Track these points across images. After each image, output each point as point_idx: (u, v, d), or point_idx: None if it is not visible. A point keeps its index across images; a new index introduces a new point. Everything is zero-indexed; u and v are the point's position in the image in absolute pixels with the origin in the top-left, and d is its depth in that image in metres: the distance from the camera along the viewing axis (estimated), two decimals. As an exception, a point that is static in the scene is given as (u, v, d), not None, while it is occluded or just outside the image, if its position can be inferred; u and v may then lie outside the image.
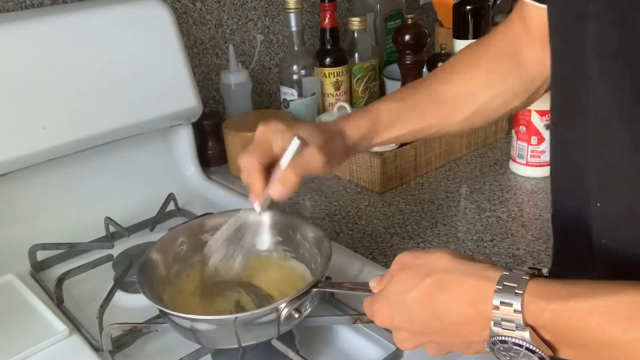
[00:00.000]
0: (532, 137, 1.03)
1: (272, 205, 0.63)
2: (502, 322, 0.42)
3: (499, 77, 0.67)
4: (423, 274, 0.48)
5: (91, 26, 0.90)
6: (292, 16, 1.14)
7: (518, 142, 1.05)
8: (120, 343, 0.68)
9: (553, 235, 0.61)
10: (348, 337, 0.69)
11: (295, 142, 0.59)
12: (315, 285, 0.61)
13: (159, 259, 0.69)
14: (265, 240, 0.73)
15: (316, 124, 0.65)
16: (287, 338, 0.64)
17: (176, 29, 0.99)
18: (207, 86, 1.20)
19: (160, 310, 0.61)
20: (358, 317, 0.66)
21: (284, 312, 0.58)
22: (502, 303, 0.42)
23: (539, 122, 1.01)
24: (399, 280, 0.49)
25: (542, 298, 0.41)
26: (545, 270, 0.45)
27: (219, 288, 0.69)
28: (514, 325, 0.42)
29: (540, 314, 0.41)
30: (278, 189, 0.59)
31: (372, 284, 0.54)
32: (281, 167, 0.59)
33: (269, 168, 0.61)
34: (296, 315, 0.59)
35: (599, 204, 0.49)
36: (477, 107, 0.67)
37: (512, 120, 1.07)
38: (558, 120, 0.55)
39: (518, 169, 1.07)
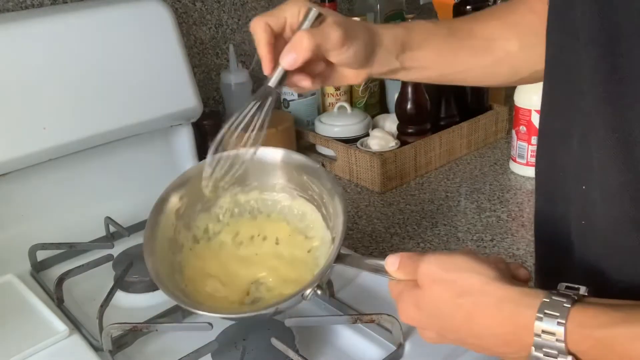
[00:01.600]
0: (533, 137, 1.03)
1: (286, 82, 0.58)
2: (544, 349, 0.42)
3: (531, 31, 0.64)
4: (456, 293, 0.47)
5: (91, 26, 0.90)
6: (292, 16, 1.14)
7: (518, 142, 1.05)
8: (120, 343, 0.68)
9: (535, 234, 0.62)
10: (348, 337, 0.69)
11: (313, 12, 0.55)
12: (336, 259, 0.58)
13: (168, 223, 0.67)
14: (270, 179, 0.70)
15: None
16: (287, 338, 0.64)
17: (176, 29, 0.99)
18: (207, 86, 1.20)
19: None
20: (358, 317, 0.66)
21: (308, 293, 0.57)
22: (543, 332, 0.42)
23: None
24: (432, 295, 0.48)
25: (585, 327, 0.41)
26: (583, 289, 0.44)
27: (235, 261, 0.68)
28: (556, 352, 0.42)
29: (583, 341, 0.41)
30: (289, 55, 0.55)
31: (390, 268, 0.52)
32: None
33: (280, 42, 0.57)
34: (319, 292, 0.57)
35: (584, 187, 0.49)
36: (506, 52, 0.65)
37: (513, 120, 1.07)
38: (547, 114, 0.55)
39: (518, 169, 1.07)
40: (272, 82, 0.57)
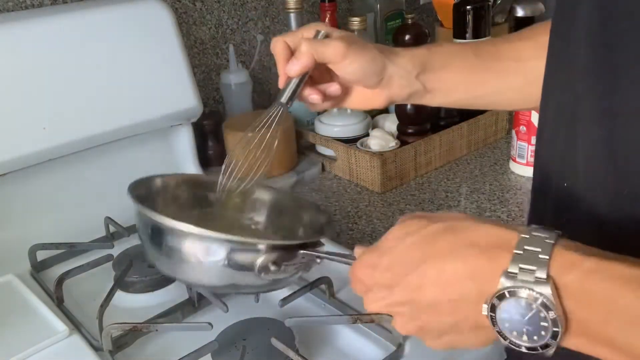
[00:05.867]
0: (532, 137, 1.03)
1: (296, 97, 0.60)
2: (520, 273, 0.36)
3: None
4: (432, 221, 0.42)
5: (91, 26, 0.90)
6: (292, 16, 1.14)
7: (518, 142, 1.05)
8: (120, 343, 0.68)
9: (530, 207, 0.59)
10: (348, 337, 0.69)
11: (322, 33, 0.59)
12: (302, 246, 0.57)
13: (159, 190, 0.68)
14: (260, 220, 0.72)
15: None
16: (287, 338, 0.64)
17: (176, 29, 0.99)
18: (207, 86, 1.20)
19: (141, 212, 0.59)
20: (358, 317, 0.66)
21: (261, 259, 0.54)
22: (526, 250, 0.36)
23: (539, 122, 1.01)
24: (403, 224, 0.45)
25: (576, 251, 0.36)
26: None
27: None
28: (534, 276, 0.36)
29: (569, 269, 0.36)
30: (292, 63, 0.57)
31: (358, 252, 0.50)
32: None
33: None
34: (272, 268, 0.55)
35: (565, 184, 0.48)
36: (539, 73, 0.58)
37: (513, 120, 1.07)
38: (542, 109, 0.54)
39: (518, 169, 1.07)
40: (284, 98, 0.60)
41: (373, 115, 1.20)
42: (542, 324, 0.36)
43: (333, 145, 1.11)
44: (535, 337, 0.37)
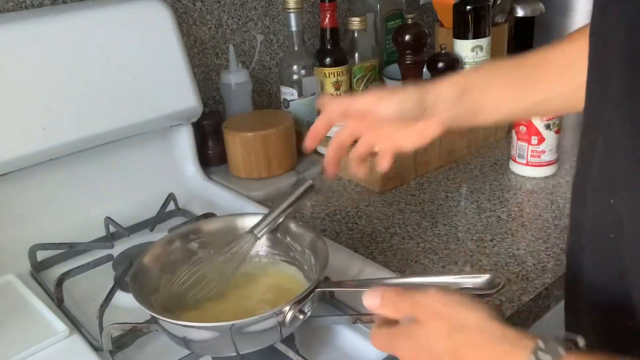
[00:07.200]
0: (533, 137, 1.03)
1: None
2: None
3: None
4: (454, 328, 0.46)
5: (91, 26, 0.90)
6: (292, 16, 1.14)
7: (518, 142, 1.05)
8: (120, 343, 0.68)
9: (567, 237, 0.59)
10: (348, 337, 0.69)
11: (307, 184, 0.68)
12: (318, 285, 0.60)
13: (150, 267, 0.68)
14: (254, 246, 0.72)
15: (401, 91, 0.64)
16: (287, 338, 0.64)
17: (176, 29, 0.99)
18: (207, 86, 1.20)
19: (152, 317, 0.60)
20: (358, 317, 0.66)
21: (289, 315, 0.57)
22: None
23: (539, 122, 1.01)
24: (429, 329, 0.48)
25: None
26: (581, 342, 0.43)
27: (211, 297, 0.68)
28: None
29: None
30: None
31: (371, 303, 0.51)
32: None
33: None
34: (301, 317, 0.59)
35: (612, 200, 0.48)
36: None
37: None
38: (585, 122, 0.53)
39: (518, 168, 1.07)
40: (258, 231, 0.69)
41: (373, 115, 1.20)
42: None
43: (333, 145, 1.10)
44: None
